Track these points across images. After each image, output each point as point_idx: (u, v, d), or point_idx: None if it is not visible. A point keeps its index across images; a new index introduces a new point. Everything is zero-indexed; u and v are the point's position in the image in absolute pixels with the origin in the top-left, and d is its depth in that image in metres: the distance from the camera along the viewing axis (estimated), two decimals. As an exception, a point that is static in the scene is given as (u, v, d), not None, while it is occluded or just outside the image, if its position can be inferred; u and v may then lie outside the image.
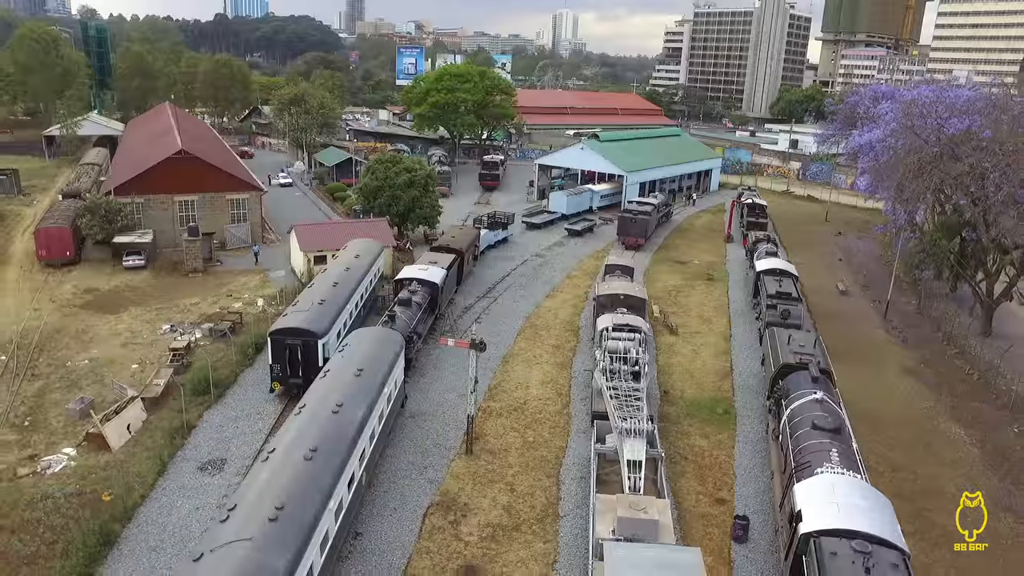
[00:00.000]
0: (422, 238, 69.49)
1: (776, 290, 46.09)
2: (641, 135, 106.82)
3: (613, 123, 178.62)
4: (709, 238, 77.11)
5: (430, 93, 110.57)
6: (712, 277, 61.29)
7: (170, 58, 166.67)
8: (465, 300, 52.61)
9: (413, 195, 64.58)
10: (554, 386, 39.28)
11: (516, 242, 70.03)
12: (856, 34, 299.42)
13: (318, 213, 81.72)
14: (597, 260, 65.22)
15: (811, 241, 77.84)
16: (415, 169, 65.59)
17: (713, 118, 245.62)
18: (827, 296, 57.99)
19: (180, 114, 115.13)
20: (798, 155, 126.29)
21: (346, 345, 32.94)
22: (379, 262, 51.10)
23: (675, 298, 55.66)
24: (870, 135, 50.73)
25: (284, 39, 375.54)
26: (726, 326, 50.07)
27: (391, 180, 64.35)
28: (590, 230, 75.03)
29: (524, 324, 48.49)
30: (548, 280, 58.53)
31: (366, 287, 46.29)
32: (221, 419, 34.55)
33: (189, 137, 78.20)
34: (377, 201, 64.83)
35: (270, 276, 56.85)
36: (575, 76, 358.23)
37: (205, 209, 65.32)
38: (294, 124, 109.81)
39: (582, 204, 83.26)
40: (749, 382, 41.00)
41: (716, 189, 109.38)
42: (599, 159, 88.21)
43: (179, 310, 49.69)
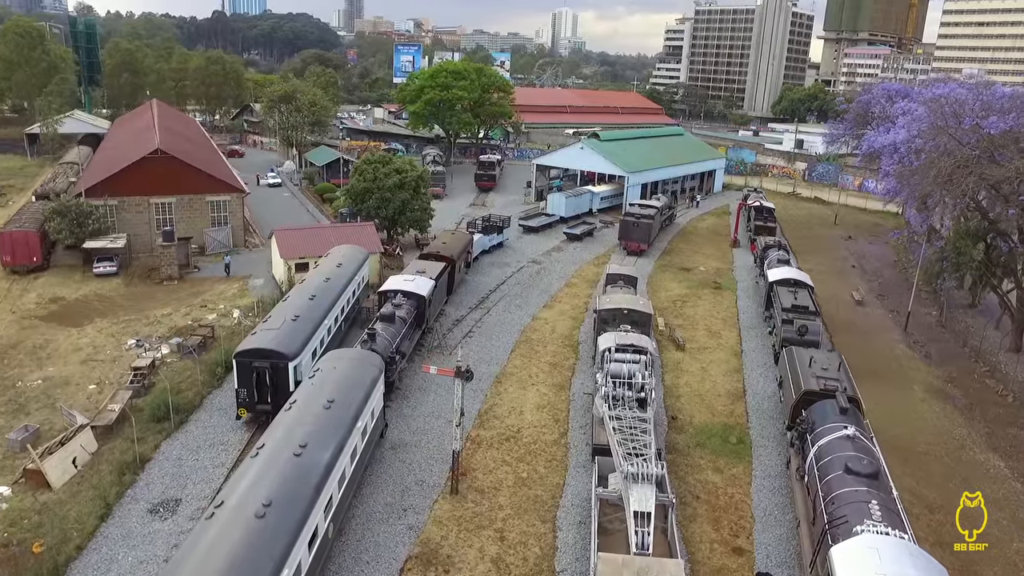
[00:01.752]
0: (413, 242, 66.04)
1: (792, 303, 42.58)
2: (642, 134, 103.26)
3: (613, 122, 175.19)
4: (714, 242, 73.61)
5: (425, 90, 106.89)
6: (719, 285, 57.80)
7: (160, 55, 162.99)
8: (456, 311, 49.10)
9: (403, 197, 61.08)
10: (551, 411, 35.78)
11: (512, 247, 66.53)
12: (858, 33, 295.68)
13: (306, 215, 78.26)
14: (597, 267, 61.73)
15: (821, 246, 74.35)
16: (405, 170, 62.06)
17: (714, 117, 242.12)
18: (842, 306, 54.48)
19: (166, 111, 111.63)
20: (803, 155, 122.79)
21: (317, 370, 29.44)
22: (364, 270, 47.59)
23: (681, 309, 52.16)
24: (894, 135, 47.18)
25: (281, 37, 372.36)
26: (736, 340, 46.57)
27: (380, 182, 60.83)
28: (590, 234, 71.54)
29: (519, 339, 44.97)
30: (545, 289, 55.03)
31: (348, 299, 42.81)
32: (180, 450, 31.03)
33: (170, 135, 74.69)
34: (365, 204, 61.30)
35: (249, 285, 53.31)
36: (574, 75, 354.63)
37: (183, 212, 61.80)
38: (284, 122, 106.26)
39: (581, 206, 79.76)
40: (764, 406, 37.53)
41: (720, 190, 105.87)
42: (599, 159, 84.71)
43: (148, 322, 46.16)
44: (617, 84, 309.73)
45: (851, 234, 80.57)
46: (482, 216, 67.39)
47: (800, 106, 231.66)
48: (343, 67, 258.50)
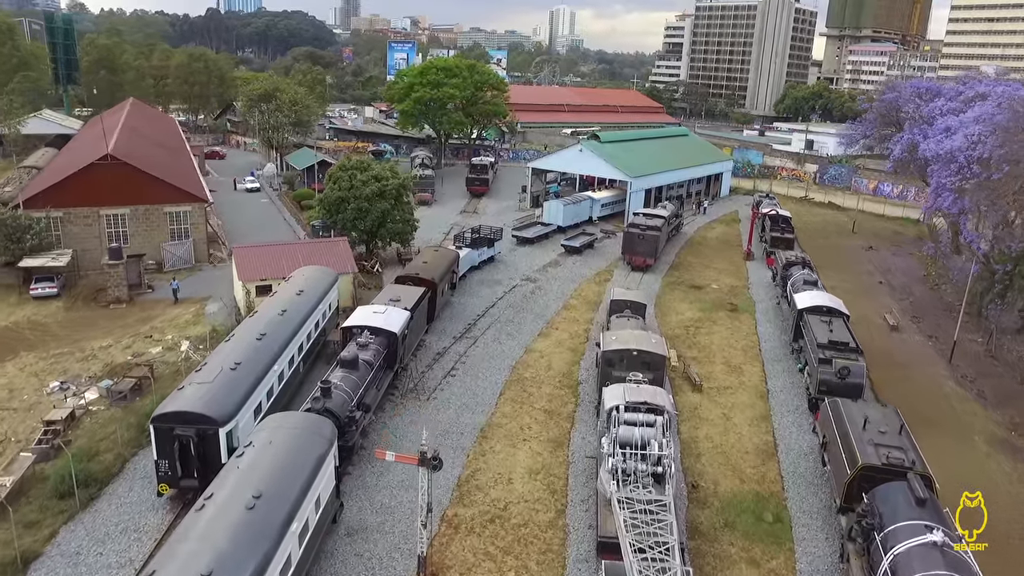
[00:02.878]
0: (395, 257, 59.79)
1: (828, 338, 36.33)
2: (645, 135, 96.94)
3: (612, 121, 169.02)
4: (726, 254, 67.39)
5: (414, 88, 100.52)
6: (736, 307, 51.59)
7: (141, 51, 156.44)
8: (438, 341, 42.87)
9: (383, 208, 54.84)
10: (546, 478, 29.57)
11: (504, 261, 60.30)
12: (861, 30, 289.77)
13: (283, 224, 72.04)
14: (599, 284, 55.55)
15: (841, 258, 68.14)
16: (385, 177, 55.80)
17: (716, 116, 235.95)
18: (874, 331, 48.27)
19: (141, 111, 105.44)
20: (814, 157, 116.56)
21: (249, 445, 23.22)
22: (331, 296, 41.37)
23: (694, 337, 45.96)
24: (950, 142, 41.00)
25: (276, 35, 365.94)
26: (760, 377, 40.41)
27: (357, 190, 54.59)
28: (590, 246, 65.30)
29: (509, 377, 38.75)
30: (541, 312, 48.80)
31: (309, 333, 36.62)
32: (82, 540, 24.80)
33: (131, 139, 68.48)
34: (340, 215, 55.08)
35: (206, 310, 47.02)
36: (572, 72, 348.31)
37: (138, 224, 55.57)
38: (264, 122, 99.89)
39: (580, 214, 73.51)
40: (801, 467, 31.37)
41: (727, 194, 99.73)
42: (599, 163, 78.42)
43: (82, 356, 39.93)
44: (615, 82, 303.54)
45: (872, 244, 74.42)
46: (471, 228, 61.15)
47: (804, 104, 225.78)
48: (336, 65, 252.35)
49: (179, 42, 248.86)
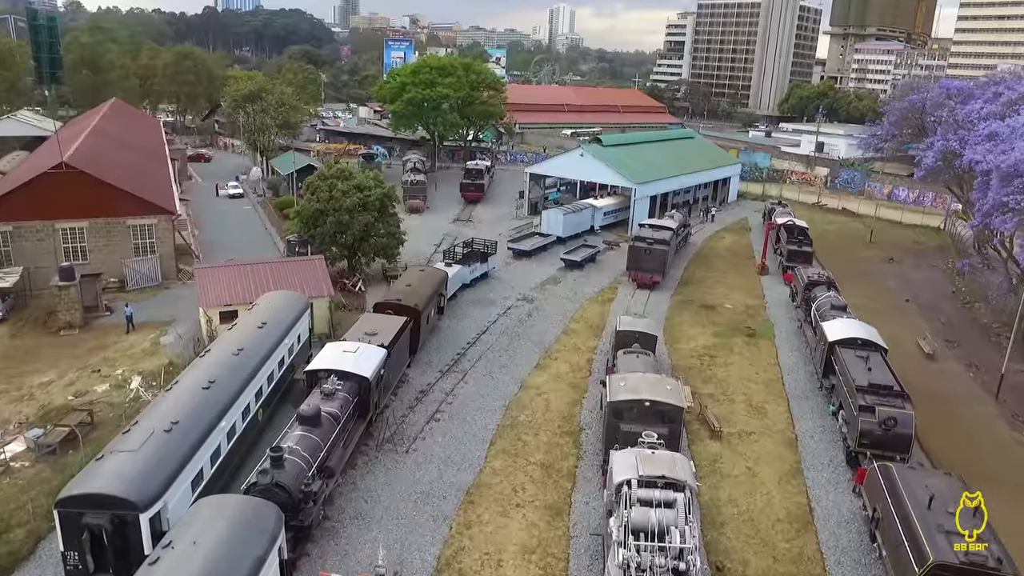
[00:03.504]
0: (380, 273, 54.99)
1: (867, 379, 31.50)
2: (650, 138, 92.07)
3: (613, 121, 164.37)
4: (738, 267, 62.63)
5: (406, 88, 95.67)
6: (753, 332, 46.77)
7: (128, 50, 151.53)
8: (422, 377, 38.08)
9: (366, 221, 50.07)
10: (542, 559, 24.73)
11: (499, 277, 55.53)
12: (866, 28, 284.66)
13: (263, 235, 67.37)
14: (602, 305, 50.77)
15: (862, 272, 63.35)
16: (368, 186, 51.00)
17: (719, 115, 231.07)
18: (908, 360, 43.33)
19: (121, 112, 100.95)
20: (825, 160, 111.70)
21: (166, 547, 18.42)
22: (300, 326, 36.58)
23: (709, 368, 41.18)
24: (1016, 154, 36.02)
25: (272, 33, 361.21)
26: (786, 419, 35.64)
27: (336, 201, 49.82)
28: (592, 259, 60.53)
29: (502, 420, 33.97)
30: (538, 339, 44.00)
31: (272, 373, 31.87)
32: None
33: (99, 143, 63.86)
34: (318, 229, 50.30)
35: (171, 335, 42.17)
36: (572, 71, 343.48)
37: (98, 239, 50.79)
38: (250, 124, 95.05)
39: (582, 224, 68.75)
40: (843, 540, 26.56)
41: (735, 199, 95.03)
42: (602, 168, 73.61)
43: (17, 396, 35.22)
44: (616, 81, 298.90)
45: (892, 255, 69.66)
46: (463, 241, 56.36)
47: (809, 104, 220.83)
48: (331, 64, 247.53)
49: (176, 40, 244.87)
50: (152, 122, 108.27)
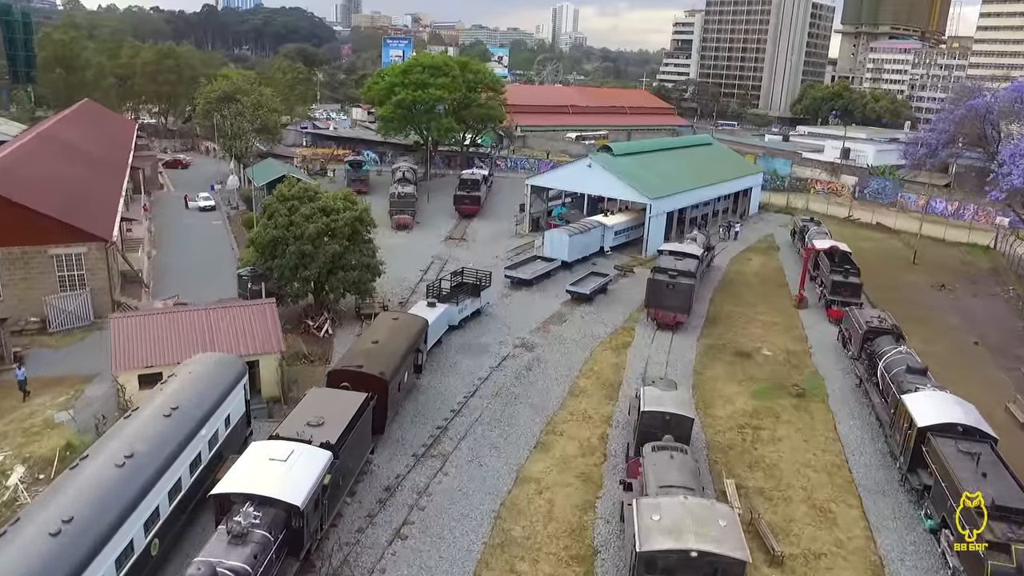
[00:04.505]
0: (353, 310, 46.59)
1: (989, 496, 22.89)
2: (664, 145, 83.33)
3: (620, 124, 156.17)
4: (771, 298, 54.18)
5: (395, 89, 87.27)
6: (802, 391, 38.30)
7: (108, 48, 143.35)
8: (389, 464, 29.67)
9: (332, 251, 41.72)
10: None
11: (494, 315, 47.12)
12: (879, 26, 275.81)
13: (229, 256, 59.09)
14: (616, 353, 42.33)
15: (912, 303, 54.85)
16: (336, 209, 42.61)
17: (728, 116, 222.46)
18: (1001, 434, 34.80)
19: (89, 115, 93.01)
20: (852, 167, 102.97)
21: None
22: (231, 402, 28.06)
23: (753, 445, 32.77)
24: None
25: (272, 31, 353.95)
26: (862, 529, 27.14)
27: (297, 228, 41.48)
28: (602, 290, 52.11)
29: (490, 536, 25.57)
30: (539, 403, 35.62)
31: (179, 481, 23.50)
32: None
33: (35, 153, 55.65)
34: (276, 261, 41.94)
35: (57, 417, 33.61)
36: (575, 70, 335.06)
37: (13, 272, 42.53)
38: (225, 128, 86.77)
39: (590, 246, 60.35)
40: None
41: (756, 212, 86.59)
42: (612, 180, 65.10)
43: None
44: (620, 81, 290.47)
45: (944, 281, 61.17)
46: (451, 273, 47.92)
47: (823, 105, 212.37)
48: (328, 63, 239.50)
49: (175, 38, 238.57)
50: (124, 125, 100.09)
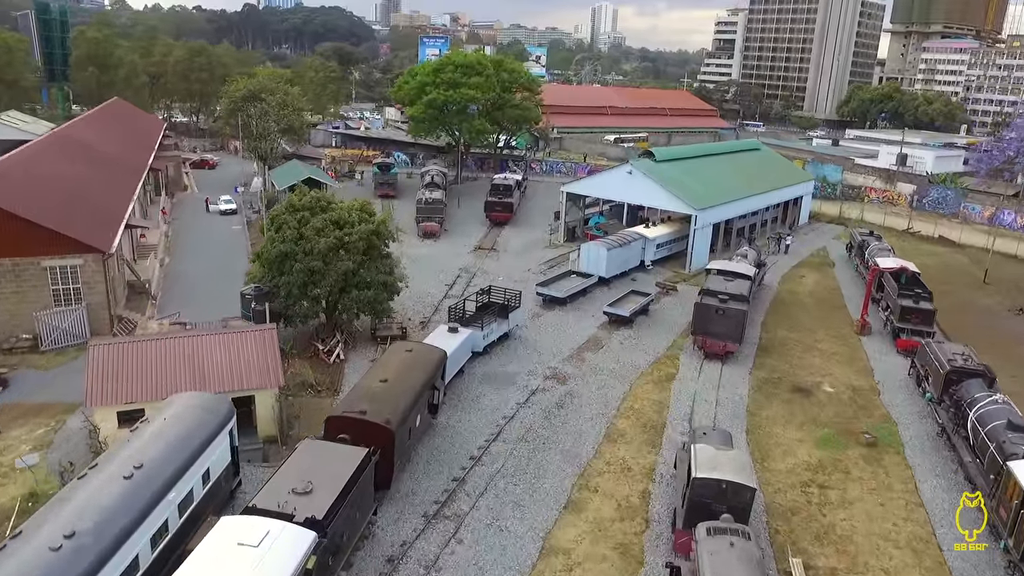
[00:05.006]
0: (369, 331, 42.59)
1: None
2: (709, 151, 77.96)
3: (661, 126, 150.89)
4: (829, 322, 48.98)
5: (426, 89, 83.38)
6: (873, 440, 33.27)
7: (142, 46, 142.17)
8: (395, 527, 25.46)
9: (345, 268, 37.79)
10: None
11: (523, 338, 42.78)
12: (930, 25, 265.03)
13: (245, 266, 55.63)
14: (659, 387, 37.69)
15: (987, 328, 49.26)
16: (350, 222, 38.66)
17: (771, 119, 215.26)
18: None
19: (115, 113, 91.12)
20: (909, 175, 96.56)
21: None
22: (211, 455, 24.15)
23: (821, 510, 27.92)
24: None
25: (311, 30, 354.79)
26: (964, 628, 22.50)
27: (307, 242, 37.60)
28: (644, 311, 47.46)
29: (509, 628, 21.36)
30: (571, 449, 31.17)
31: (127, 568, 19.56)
32: None
33: (44, 155, 52.78)
34: (284, 278, 38.12)
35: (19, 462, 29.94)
36: (614, 70, 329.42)
37: (5, 285, 39.34)
38: (249, 129, 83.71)
39: (629, 260, 55.72)
40: None
41: (806, 222, 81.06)
42: (655, 188, 60.26)
43: None
44: (660, 81, 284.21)
45: (1021, 305, 55.35)
46: (476, 292, 43.66)
47: (872, 107, 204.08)
48: (365, 61, 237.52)
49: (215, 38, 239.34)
50: (152, 124, 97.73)
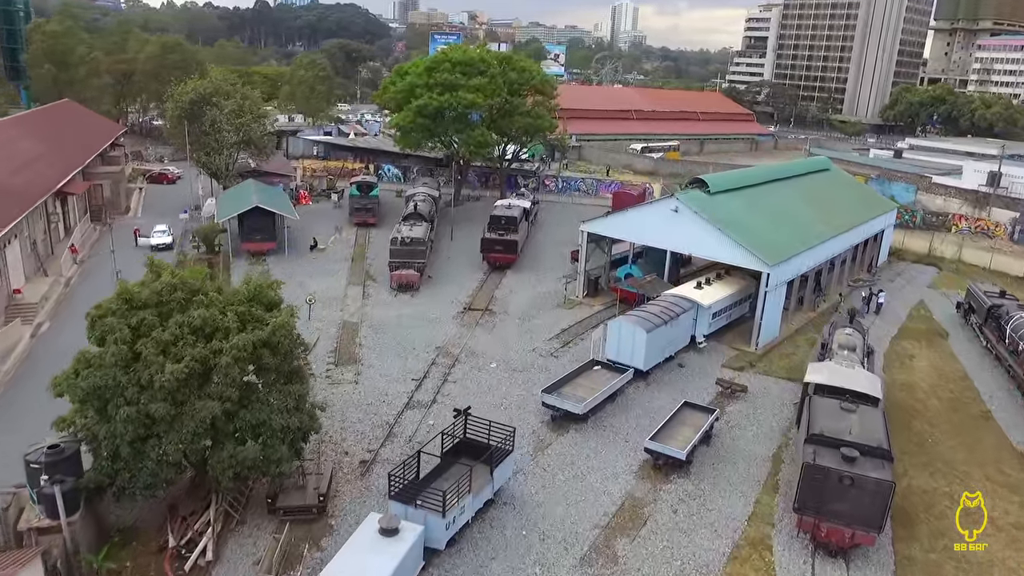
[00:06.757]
0: (264, 500, 26.59)
1: None
2: (773, 175, 58.79)
3: (692, 132, 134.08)
4: (974, 446, 32.29)
5: (416, 91, 67.08)
6: None
7: (113, 42, 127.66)
8: None
9: (210, 413, 21.84)
10: None
11: (514, 502, 26.59)
12: (979, 21, 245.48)
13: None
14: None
15: None
16: (225, 328, 22.69)
17: (807, 123, 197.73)
18: None
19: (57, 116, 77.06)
20: (1005, 198, 78.98)
21: None
22: None
23: None
24: None
25: (326, 28, 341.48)
26: None
27: (145, 369, 21.69)
28: (706, 439, 30.99)
29: None
30: None
31: None
32: None
33: None
34: (105, 425, 22.20)
35: None
36: (635, 70, 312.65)
37: None
38: (197, 142, 68.13)
39: (676, 341, 39.19)
40: None
41: (885, 260, 64.34)
42: (710, 233, 43.20)
43: None
44: (682, 81, 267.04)
45: None
46: (443, 433, 27.45)
47: (920, 111, 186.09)
48: (373, 58, 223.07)
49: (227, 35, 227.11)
50: (100, 133, 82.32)
